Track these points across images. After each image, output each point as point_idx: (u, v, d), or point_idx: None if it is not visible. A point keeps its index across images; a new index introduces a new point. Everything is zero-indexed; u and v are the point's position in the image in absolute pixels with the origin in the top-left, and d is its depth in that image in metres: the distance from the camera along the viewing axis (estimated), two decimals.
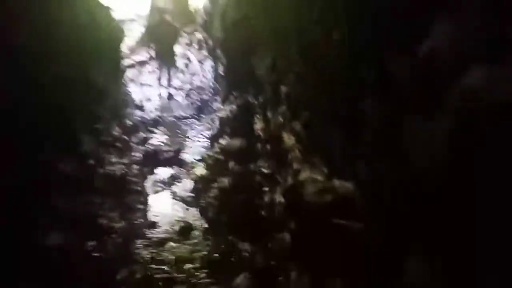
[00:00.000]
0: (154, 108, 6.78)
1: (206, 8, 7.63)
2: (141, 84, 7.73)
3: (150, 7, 8.39)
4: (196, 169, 4.58)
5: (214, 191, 3.61)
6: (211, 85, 6.72)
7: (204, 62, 7.39)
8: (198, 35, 8.05)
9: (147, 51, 6.46)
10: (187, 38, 8.41)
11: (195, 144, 5.63)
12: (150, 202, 4.01)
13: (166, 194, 4.28)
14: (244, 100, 4.58)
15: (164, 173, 4.77)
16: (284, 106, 3.29)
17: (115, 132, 5.00)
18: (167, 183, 4.48)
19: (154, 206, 3.92)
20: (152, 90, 7.38)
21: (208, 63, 7.10)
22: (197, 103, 6.70)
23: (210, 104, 6.42)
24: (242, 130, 4.31)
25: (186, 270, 2.89)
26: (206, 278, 2.72)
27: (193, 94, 7.04)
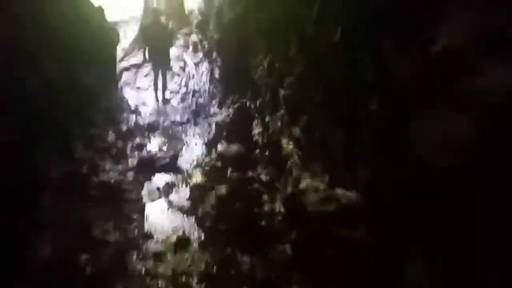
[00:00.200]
0: (150, 112, 6.69)
1: (201, 9, 7.58)
2: (137, 88, 7.66)
3: (143, 8, 8.33)
4: (192, 176, 4.50)
5: (211, 200, 3.54)
6: (207, 88, 6.66)
7: (200, 65, 7.34)
8: (193, 37, 7.99)
9: (142, 54, 6.40)
10: (183, 40, 8.35)
11: (192, 149, 5.54)
12: (146, 211, 3.93)
13: (162, 203, 4.19)
14: (241, 103, 4.51)
15: (160, 180, 4.68)
16: (282, 110, 3.22)
17: (110, 137, 4.93)
18: (163, 191, 4.39)
19: (150, 216, 3.84)
20: (147, 93, 7.31)
21: (204, 66, 7.05)
22: (193, 107, 6.63)
23: (206, 108, 6.35)
24: (240, 135, 4.24)
25: (184, 284, 2.81)
26: None
27: (189, 98, 6.97)
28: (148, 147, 5.63)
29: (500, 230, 0.98)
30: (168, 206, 4.06)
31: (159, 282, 2.85)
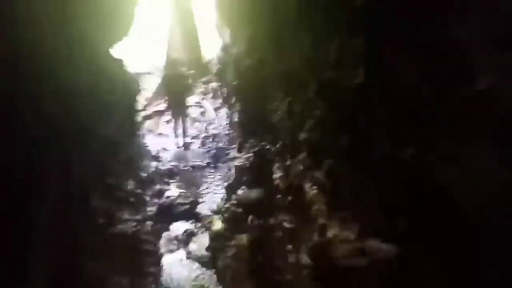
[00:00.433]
0: (170, 158, 6.77)
1: (219, 57, 7.94)
2: (158, 134, 7.86)
3: (165, 59, 8.83)
4: (212, 223, 4.35)
5: (232, 250, 3.35)
6: (227, 132, 6.74)
7: (219, 110, 7.51)
8: (213, 85, 8.30)
9: (163, 102, 6.67)
10: (203, 88, 8.68)
11: (212, 194, 5.45)
12: (164, 263, 3.76)
13: (181, 253, 4.02)
14: (260, 147, 4.45)
15: (179, 228, 4.56)
16: (304, 153, 3.11)
17: (129, 186, 4.93)
18: (182, 241, 4.25)
19: (168, 269, 3.66)
20: (168, 139, 7.47)
21: (223, 111, 7.20)
22: (213, 151, 6.67)
23: (226, 152, 6.36)
24: (260, 179, 4.12)
25: None
26: None
27: (209, 142, 7.04)
28: (167, 193, 5.60)
29: None
30: (186, 257, 3.89)
31: None
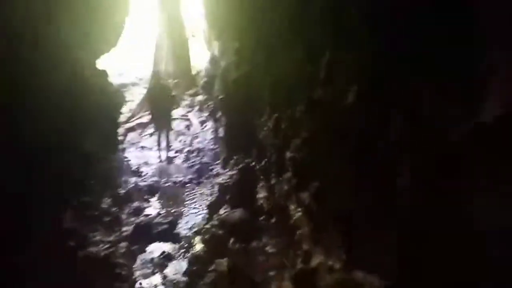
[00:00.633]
0: (152, 172, 6.52)
1: (207, 69, 7.86)
2: (141, 147, 7.62)
3: (151, 71, 8.68)
4: (192, 245, 4.13)
5: (211, 276, 3.14)
6: (212, 147, 6.57)
7: (205, 124, 7.36)
8: (199, 98, 8.15)
9: (147, 114, 6.49)
10: (189, 100, 8.52)
11: (193, 213, 5.22)
12: None
13: (156, 278, 3.77)
14: (245, 164, 4.31)
15: (156, 250, 4.30)
16: (289, 173, 2.97)
17: (104, 204, 4.67)
18: (158, 264, 3.99)
19: None
20: (151, 153, 7.24)
21: (209, 125, 7.04)
22: (196, 166, 6.47)
23: (210, 167, 6.17)
24: (244, 198, 3.96)
25: None
26: None
27: (193, 157, 6.84)
28: (146, 211, 5.34)
29: None
30: (162, 282, 3.65)
31: None
